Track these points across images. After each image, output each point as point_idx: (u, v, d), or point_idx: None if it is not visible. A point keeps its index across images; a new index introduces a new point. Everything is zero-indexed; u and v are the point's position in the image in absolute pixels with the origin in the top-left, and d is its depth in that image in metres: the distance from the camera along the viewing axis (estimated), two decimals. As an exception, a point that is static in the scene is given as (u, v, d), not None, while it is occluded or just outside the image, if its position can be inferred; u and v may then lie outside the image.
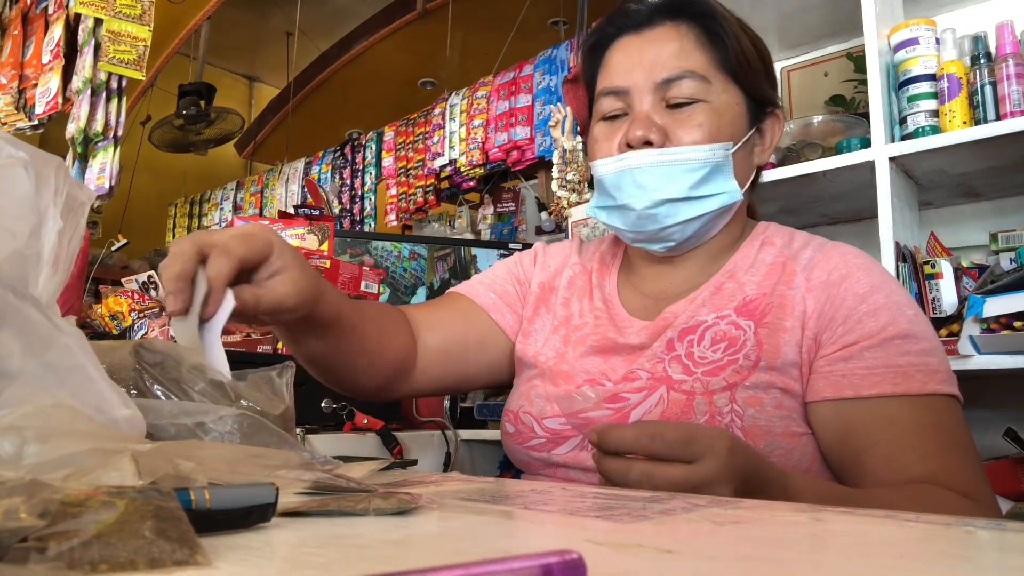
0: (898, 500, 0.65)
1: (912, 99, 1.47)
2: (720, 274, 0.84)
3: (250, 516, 0.35)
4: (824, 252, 0.82)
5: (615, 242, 0.97)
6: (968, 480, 0.69)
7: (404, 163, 3.85)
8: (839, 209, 1.80)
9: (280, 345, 1.80)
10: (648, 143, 0.79)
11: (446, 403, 1.98)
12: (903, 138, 1.48)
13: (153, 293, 1.91)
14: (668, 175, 0.78)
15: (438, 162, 3.59)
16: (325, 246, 1.81)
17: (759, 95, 0.85)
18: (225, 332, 1.77)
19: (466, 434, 1.97)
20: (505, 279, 0.98)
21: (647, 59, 0.82)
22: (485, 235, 3.41)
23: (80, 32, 2.57)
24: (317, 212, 1.87)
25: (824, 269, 0.80)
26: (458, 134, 3.53)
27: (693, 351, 0.79)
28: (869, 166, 1.47)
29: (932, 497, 0.67)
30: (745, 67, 0.83)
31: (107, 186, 2.47)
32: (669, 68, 0.80)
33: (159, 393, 0.56)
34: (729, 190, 0.81)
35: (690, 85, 0.80)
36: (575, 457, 0.81)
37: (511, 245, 2.66)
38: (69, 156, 2.50)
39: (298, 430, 1.56)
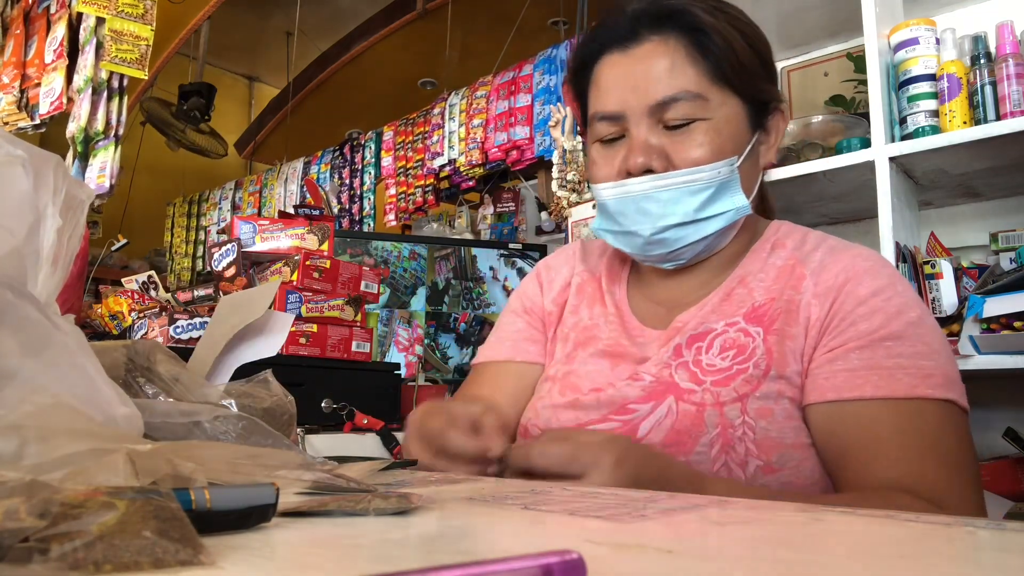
0: (854, 503, 0.60)
1: (912, 99, 1.47)
2: (730, 280, 0.82)
3: (250, 516, 0.35)
4: (835, 255, 0.79)
5: None
6: (942, 488, 0.65)
7: (403, 163, 3.85)
8: (839, 209, 1.80)
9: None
10: (649, 170, 0.77)
11: (446, 403, 1.97)
12: (903, 138, 1.48)
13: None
14: (673, 199, 0.76)
15: (437, 162, 3.59)
16: (325, 246, 1.81)
17: (759, 97, 0.81)
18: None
19: (466, 434, 1.97)
20: (512, 322, 0.97)
21: (638, 80, 0.78)
22: (485, 235, 3.41)
23: (82, 31, 2.57)
24: (317, 212, 1.86)
25: (832, 272, 0.77)
26: (457, 134, 3.53)
27: (701, 359, 0.77)
28: (869, 166, 1.47)
29: (891, 502, 0.63)
30: (741, 74, 0.78)
31: (108, 185, 2.47)
32: (662, 89, 0.77)
33: (150, 393, 0.57)
34: (736, 206, 0.78)
35: (686, 105, 0.76)
36: None
37: (511, 245, 2.66)
38: (70, 155, 2.51)
39: (298, 430, 1.56)
